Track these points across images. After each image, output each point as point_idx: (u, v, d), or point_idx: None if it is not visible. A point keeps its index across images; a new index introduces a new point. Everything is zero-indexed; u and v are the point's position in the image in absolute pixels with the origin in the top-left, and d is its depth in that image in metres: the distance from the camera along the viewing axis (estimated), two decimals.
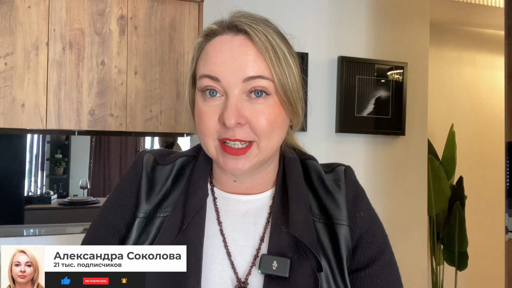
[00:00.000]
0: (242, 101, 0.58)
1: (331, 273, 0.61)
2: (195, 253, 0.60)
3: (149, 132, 1.93)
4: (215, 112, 0.59)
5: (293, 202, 0.63)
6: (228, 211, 0.66)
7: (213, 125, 0.59)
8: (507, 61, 1.70)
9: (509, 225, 1.70)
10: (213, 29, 0.62)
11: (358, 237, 0.64)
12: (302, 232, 0.61)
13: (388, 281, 0.64)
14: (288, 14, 2.07)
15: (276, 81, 0.59)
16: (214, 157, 0.62)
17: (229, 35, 0.60)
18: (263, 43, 0.58)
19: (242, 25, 0.59)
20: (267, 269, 0.59)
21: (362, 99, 2.15)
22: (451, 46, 3.08)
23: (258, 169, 0.65)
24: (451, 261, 2.73)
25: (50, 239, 1.78)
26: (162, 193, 0.66)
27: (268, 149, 0.61)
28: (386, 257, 0.65)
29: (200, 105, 0.61)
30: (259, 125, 0.58)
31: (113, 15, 1.61)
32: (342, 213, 0.64)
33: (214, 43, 0.61)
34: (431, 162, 2.60)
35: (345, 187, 0.67)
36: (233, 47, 0.59)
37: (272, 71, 0.58)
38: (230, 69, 0.58)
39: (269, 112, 0.59)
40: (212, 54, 0.60)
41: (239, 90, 0.58)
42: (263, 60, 0.58)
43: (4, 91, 1.49)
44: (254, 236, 0.64)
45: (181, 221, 0.62)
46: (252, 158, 0.60)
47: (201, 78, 0.60)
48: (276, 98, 0.60)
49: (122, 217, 0.66)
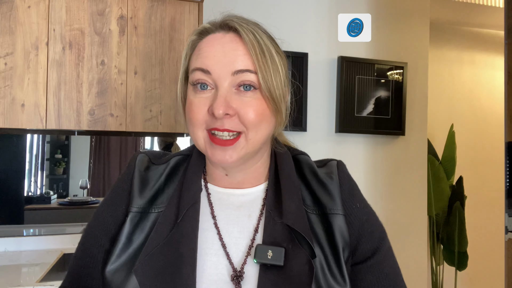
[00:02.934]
0: (231, 93, 0.61)
1: (325, 262, 0.62)
2: (189, 244, 0.62)
3: (149, 132, 1.93)
4: (204, 103, 0.61)
5: (286, 193, 0.65)
6: (222, 205, 0.68)
7: (202, 116, 0.61)
8: (507, 61, 1.70)
9: (509, 225, 1.70)
10: (206, 28, 0.66)
11: (359, 229, 0.66)
12: (295, 221, 0.62)
13: (391, 265, 0.67)
14: (288, 14, 2.07)
15: (260, 76, 0.61)
16: (202, 149, 0.64)
17: (221, 33, 0.64)
18: (250, 39, 0.61)
19: (232, 23, 0.63)
20: (262, 258, 0.60)
21: (362, 99, 2.15)
22: (451, 46, 3.08)
23: (247, 163, 0.67)
24: (451, 261, 2.73)
25: (50, 239, 1.78)
26: (155, 188, 0.67)
27: (255, 141, 0.63)
28: (387, 243, 0.68)
29: (191, 98, 0.63)
30: (247, 116, 0.61)
31: (113, 15, 1.61)
32: (336, 203, 0.66)
33: (207, 40, 0.64)
34: (431, 162, 2.60)
35: (338, 179, 0.68)
36: (224, 43, 0.62)
37: (257, 66, 0.61)
38: (220, 63, 0.61)
39: (256, 105, 0.62)
40: (204, 49, 0.63)
41: (228, 83, 0.61)
42: (251, 55, 0.61)
43: (4, 91, 1.49)
44: (248, 227, 0.66)
45: (176, 215, 0.64)
46: (239, 149, 0.62)
47: (193, 72, 0.63)
48: (261, 93, 0.63)
49: (113, 216, 0.67)
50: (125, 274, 0.61)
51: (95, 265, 0.65)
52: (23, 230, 1.89)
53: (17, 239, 1.74)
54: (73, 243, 1.77)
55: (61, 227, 1.92)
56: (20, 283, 1.34)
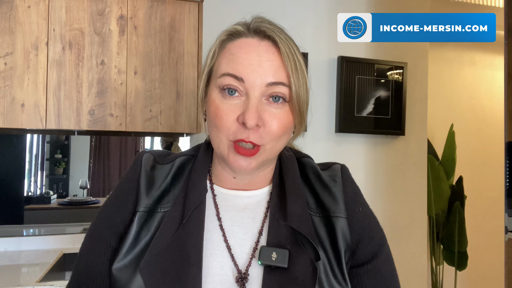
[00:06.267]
0: (262, 103, 0.61)
1: (329, 265, 0.63)
2: (195, 245, 0.62)
3: (149, 132, 1.93)
4: (233, 110, 0.61)
5: (290, 196, 0.66)
6: (228, 207, 0.68)
7: (231, 124, 0.61)
8: (507, 61, 1.70)
9: (509, 225, 1.70)
10: (238, 30, 0.64)
11: (359, 232, 0.66)
12: (299, 223, 0.63)
13: (389, 271, 0.67)
14: (288, 14, 2.07)
15: (293, 89, 0.62)
16: (224, 155, 0.63)
17: (255, 39, 0.63)
18: (287, 52, 0.62)
19: (269, 31, 0.62)
20: (267, 260, 0.60)
21: (362, 99, 2.15)
22: (451, 46, 3.08)
23: (260, 169, 0.67)
24: (450, 261, 2.73)
25: (50, 239, 1.78)
26: (162, 189, 0.67)
27: (273, 151, 0.64)
28: (386, 249, 0.69)
29: (218, 102, 0.62)
30: (271, 129, 0.61)
31: (113, 15, 1.61)
32: (339, 206, 0.66)
33: (239, 44, 0.63)
34: (430, 162, 2.60)
35: (341, 182, 0.69)
36: (260, 51, 0.62)
37: (292, 79, 0.61)
38: (255, 72, 0.60)
39: (283, 118, 0.62)
40: (238, 55, 0.62)
41: (260, 93, 0.61)
42: (285, 68, 0.61)
43: (4, 91, 1.49)
44: (253, 230, 0.66)
45: (181, 215, 0.64)
46: (258, 157, 0.63)
47: (223, 76, 0.62)
48: (290, 106, 0.63)
49: (120, 215, 0.67)
50: (131, 273, 0.61)
51: (103, 263, 0.65)
52: (23, 230, 1.89)
53: (17, 239, 1.74)
54: (73, 243, 1.77)
55: (61, 227, 1.92)
56: (20, 283, 1.34)
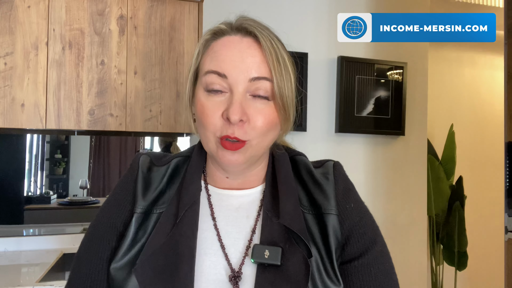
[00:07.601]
0: (246, 99, 0.62)
1: (321, 262, 0.63)
2: (188, 244, 0.62)
3: (149, 132, 1.93)
4: (218, 107, 0.62)
5: (283, 194, 0.66)
6: (222, 206, 0.69)
7: (216, 120, 0.62)
8: (507, 61, 1.70)
9: (509, 225, 1.70)
10: (221, 29, 0.65)
11: (349, 228, 0.66)
12: (291, 221, 0.63)
13: (381, 270, 0.65)
14: (288, 14, 2.07)
15: (275, 84, 0.62)
16: (212, 151, 0.64)
17: (237, 36, 0.64)
18: (268, 47, 0.62)
19: (251, 28, 0.63)
20: (260, 258, 0.61)
21: (361, 99, 2.15)
22: (451, 46, 3.08)
23: (250, 167, 0.68)
24: (450, 261, 2.73)
25: (50, 239, 1.78)
26: (158, 191, 0.68)
27: (260, 147, 0.64)
28: (378, 247, 0.67)
29: (203, 100, 0.63)
30: (257, 124, 0.62)
31: (113, 15, 1.61)
32: (331, 202, 0.66)
33: (222, 42, 0.64)
34: (430, 162, 2.60)
35: (333, 179, 0.69)
36: (242, 47, 0.62)
37: (273, 74, 0.62)
38: (238, 68, 0.61)
39: (268, 114, 0.63)
40: (220, 52, 0.63)
41: (243, 88, 0.61)
42: (267, 63, 0.62)
43: (4, 91, 1.49)
44: (246, 228, 0.66)
45: (175, 215, 0.65)
46: (245, 152, 0.63)
47: (207, 74, 0.63)
48: (275, 102, 0.64)
49: (119, 215, 0.68)
50: (126, 273, 0.62)
51: (102, 263, 0.66)
52: (23, 230, 1.89)
53: (17, 239, 1.74)
54: (73, 243, 1.77)
55: (61, 227, 1.92)
56: (20, 283, 1.34)
